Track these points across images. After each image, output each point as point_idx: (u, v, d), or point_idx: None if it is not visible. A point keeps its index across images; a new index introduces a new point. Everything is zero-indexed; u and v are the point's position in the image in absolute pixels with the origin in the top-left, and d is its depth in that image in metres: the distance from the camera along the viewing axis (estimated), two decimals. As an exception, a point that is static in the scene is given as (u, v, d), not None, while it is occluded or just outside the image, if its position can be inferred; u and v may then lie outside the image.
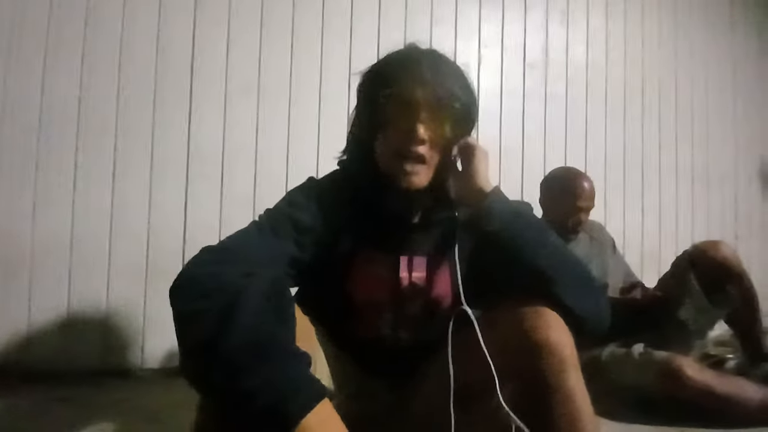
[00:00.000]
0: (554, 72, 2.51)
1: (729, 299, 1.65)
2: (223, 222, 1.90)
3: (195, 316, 0.64)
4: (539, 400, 0.75)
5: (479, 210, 0.88)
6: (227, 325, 0.61)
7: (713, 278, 1.65)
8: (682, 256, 1.75)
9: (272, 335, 0.62)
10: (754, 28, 3.07)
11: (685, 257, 1.74)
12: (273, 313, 0.65)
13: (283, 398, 0.57)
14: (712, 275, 1.65)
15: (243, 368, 0.58)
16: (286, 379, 0.58)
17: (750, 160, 3.01)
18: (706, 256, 1.67)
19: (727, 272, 1.65)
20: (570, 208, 1.83)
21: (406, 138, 0.87)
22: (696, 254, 1.71)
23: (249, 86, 1.98)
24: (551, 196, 1.93)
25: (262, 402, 0.56)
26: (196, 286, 0.69)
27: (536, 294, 0.82)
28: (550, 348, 0.76)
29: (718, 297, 1.65)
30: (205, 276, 0.70)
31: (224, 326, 0.61)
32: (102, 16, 1.80)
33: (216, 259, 0.75)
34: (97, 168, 1.78)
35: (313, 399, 0.59)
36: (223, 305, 0.63)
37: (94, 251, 1.77)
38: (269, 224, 0.86)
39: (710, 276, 1.65)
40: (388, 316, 0.95)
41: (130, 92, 1.83)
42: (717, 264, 1.65)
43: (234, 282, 0.67)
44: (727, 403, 1.42)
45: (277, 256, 0.83)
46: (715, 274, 1.65)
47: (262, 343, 0.60)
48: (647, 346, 1.61)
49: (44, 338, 1.71)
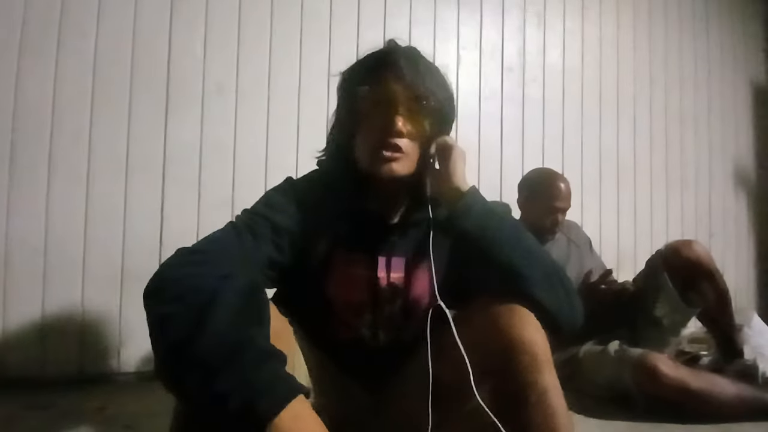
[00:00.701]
0: (531, 74, 2.54)
1: (701, 297, 1.68)
2: (200, 225, 1.88)
3: (168, 319, 0.63)
4: (514, 398, 0.75)
5: (455, 209, 0.89)
6: (200, 327, 0.60)
7: (686, 276, 1.68)
8: (655, 256, 1.78)
9: (246, 336, 0.61)
10: (728, 31, 3.14)
11: (658, 256, 1.76)
12: (247, 315, 0.64)
13: (255, 397, 0.56)
14: (684, 273, 1.68)
15: (215, 370, 0.57)
16: (258, 378, 0.58)
17: (724, 160, 3.08)
18: (679, 255, 1.70)
19: (699, 270, 1.68)
20: (547, 208, 1.86)
21: (385, 131, 0.88)
22: (669, 253, 1.73)
23: (226, 87, 1.97)
24: (529, 197, 1.96)
25: (234, 403, 0.55)
26: (170, 288, 0.68)
27: (510, 292, 0.83)
28: (524, 346, 0.77)
29: (691, 295, 1.68)
30: (180, 278, 0.69)
31: (197, 329, 0.60)
32: (76, 17, 1.77)
33: (191, 260, 0.74)
34: (71, 171, 1.75)
35: (286, 397, 0.58)
36: (197, 307, 0.62)
37: (69, 256, 1.74)
38: (246, 225, 0.85)
39: (683, 274, 1.68)
40: (367, 316, 0.95)
41: (104, 94, 1.80)
42: (689, 262, 1.68)
43: (209, 284, 0.66)
44: (702, 399, 1.44)
45: (254, 258, 0.83)
46: (688, 273, 1.68)
47: (235, 345, 0.59)
48: (623, 344, 1.64)
49: (19, 345, 1.67)
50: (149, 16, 1.87)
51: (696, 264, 1.68)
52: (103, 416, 1.45)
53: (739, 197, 3.13)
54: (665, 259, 1.72)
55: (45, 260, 1.71)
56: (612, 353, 1.59)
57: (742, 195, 3.13)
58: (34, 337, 1.69)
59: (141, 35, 1.86)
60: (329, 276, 0.94)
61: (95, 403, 1.53)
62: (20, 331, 1.68)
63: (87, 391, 1.64)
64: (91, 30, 1.79)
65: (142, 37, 1.86)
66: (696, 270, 1.68)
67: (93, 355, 1.76)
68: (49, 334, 1.70)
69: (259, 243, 0.84)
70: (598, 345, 1.68)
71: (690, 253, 1.69)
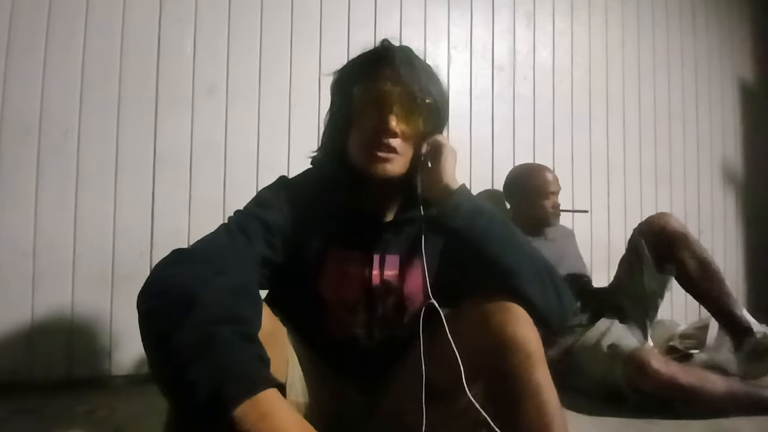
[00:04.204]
0: (521, 73, 2.55)
1: (677, 265, 1.71)
2: (191, 226, 1.87)
3: (151, 313, 0.63)
4: (507, 395, 0.76)
5: (446, 207, 0.90)
6: (180, 319, 0.59)
7: (658, 243, 1.73)
8: (634, 230, 1.84)
9: (225, 327, 0.59)
10: (715, 30, 3.17)
11: (636, 230, 1.82)
12: (233, 307, 0.63)
13: (223, 384, 0.54)
14: (657, 240, 1.73)
15: (189, 360, 0.56)
16: (229, 366, 0.56)
17: (712, 157, 3.11)
18: (651, 223, 1.78)
19: (671, 236, 1.71)
20: (545, 196, 1.95)
21: (379, 130, 0.88)
22: (644, 225, 1.80)
23: (217, 87, 1.95)
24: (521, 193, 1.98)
25: (202, 389, 0.54)
26: (157, 284, 0.67)
27: (501, 289, 0.83)
28: (517, 343, 0.77)
29: (667, 265, 1.73)
30: (167, 275, 0.69)
31: (177, 321, 0.59)
32: (64, 16, 1.75)
33: (182, 259, 0.74)
34: (59, 172, 1.73)
35: (255, 385, 0.56)
36: (180, 300, 0.62)
37: (58, 257, 1.72)
38: (238, 225, 0.85)
39: (657, 242, 1.73)
40: (361, 315, 0.95)
41: (93, 94, 1.78)
42: (660, 228, 1.74)
43: (197, 279, 0.66)
44: (693, 394, 1.45)
45: (247, 256, 0.82)
46: (660, 239, 1.73)
47: (213, 335, 0.58)
48: (610, 317, 1.74)
49: (7, 348, 1.65)
50: (138, 15, 1.85)
51: (666, 230, 1.72)
52: (93, 420, 1.43)
53: (727, 194, 3.16)
54: (641, 230, 1.79)
55: (34, 262, 1.69)
56: (604, 349, 1.60)
57: (730, 191, 3.17)
58: (23, 340, 1.67)
59: (130, 34, 1.84)
60: (323, 274, 0.93)
61: (85, 406, 1.52)
62: (8, 334, 1.66)
63: (77, 395, 1.62)
64: (79, 29, 1.77)
65: (131, 36, 1.84)
66: (667, 235, 1.72)
67: (83, 357, 1.74)
68: (38, 336, 1.68)
69: (252, 241, 0.84)
70: (587, 329, 1.73)
71: (660, 220, 1.76)
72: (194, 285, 0.64)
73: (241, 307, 0.65)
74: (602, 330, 1.70)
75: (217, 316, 0.61)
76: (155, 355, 0.60)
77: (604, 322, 1.74)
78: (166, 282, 0.67)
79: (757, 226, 3.22)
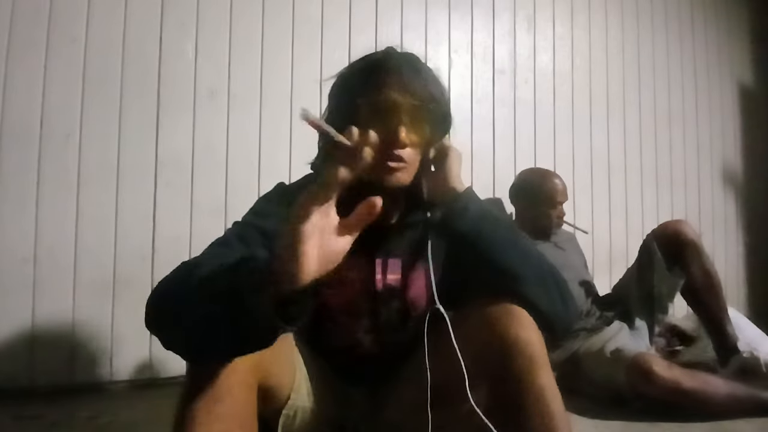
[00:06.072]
0: (522, 77, 2.56)
1: (686, 272, 1.75)
2: (193, 231, 1.87)
3: (157, 292, 0.70)
4: (511, 399, 0.75)
5: (452, 210, 0.89)
6: (190, 278, 0.67)
7: (670, 247, 1.77)
8: (648, 234, 1.87)
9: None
10: (714, 33, 3.18)
11: (650, 234, 1.86)
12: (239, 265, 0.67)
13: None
14: (669, 244, 1.78)
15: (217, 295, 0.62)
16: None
17: (712, 160, 3.12)
18: (666, 228, 1.83)
19: (684, 244, 1.76)
20: (549, 206, 1.94)
21: (389, 143, 0.87)
22: (658, 228, 1.85)
23: (218, 92, 1.95)
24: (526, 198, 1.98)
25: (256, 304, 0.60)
26: (162, 284, 0.71)
27: (506, 293, 0.83)
28: (521, 347, 0.76)
29: (676, 270, 1.77)
30: (171, 277, 0.71)
31: (191, 275, 0.67)
32: (65, 21, 1.76)
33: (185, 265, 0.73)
34: (60, 177, 1.73)
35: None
36: (183, 274, 0.69)
37: (59, 263, 1.72)
38: (236, 235, 0.84)
39: (668, 244, 1.78)
40: (364, 319, 0.94)
41: (94, 98, 1.78)
42: (675, 233, 1.79)
43: (197, 266, 0.69)
44: (695, 398, 1.46)
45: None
46: (673, 244, 1.77)
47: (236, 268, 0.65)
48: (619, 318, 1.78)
49: (9, 354, 1.65)
50: (139, 20, 1.86)
51: (680, 236, 1.77)
52: (95, 426, 1.43)
53: (727, 196, 3.17)
54: (655, 234, 1.84)
55: (35, 268, 1.69)
56: (608, 354, 1.61)
57: (730, 193, 3.17)
58: (24, 346, 1.67)
59: (131, 39, 1.84)
60: (324, 279, 0.93)
61: (86, 412, 1.51)
62: (10, 341, 1.65)
63: (78, 401, 1.62)
64: (80, 34, 1.78)
65: (132, 40, 1.84)
66: (681, 242, 1.77)
67: (84, 363, 1.74)
68: (39, 342, 1.68)
69: (252, 249, 0.83)
70: (592, 334, 1.74)
71: (676, 226, 1.82)
72: (194, 265, 0.70)
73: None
74: (608, 335, 1.71)
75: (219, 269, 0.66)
76: (180, 318, 0.65)
77: (614, 327, 1.76)
78: (171, 280, 0.71)
79: (757, 227, 3.23)
